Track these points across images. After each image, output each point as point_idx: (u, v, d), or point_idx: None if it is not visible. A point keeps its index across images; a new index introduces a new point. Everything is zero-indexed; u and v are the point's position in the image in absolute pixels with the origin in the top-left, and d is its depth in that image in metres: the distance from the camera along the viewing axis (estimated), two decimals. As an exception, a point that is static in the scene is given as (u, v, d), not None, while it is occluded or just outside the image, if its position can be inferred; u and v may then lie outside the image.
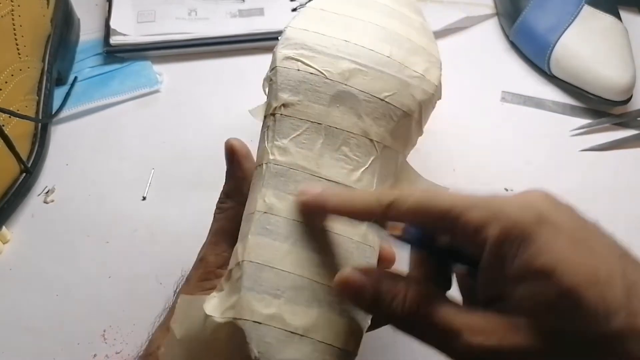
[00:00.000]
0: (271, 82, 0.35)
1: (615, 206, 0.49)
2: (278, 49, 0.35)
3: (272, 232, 0.30)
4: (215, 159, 0.53)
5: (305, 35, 0.35)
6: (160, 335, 0.34)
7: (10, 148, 0.47)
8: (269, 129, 0.34)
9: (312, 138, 0.33)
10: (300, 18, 0.36)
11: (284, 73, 0.34)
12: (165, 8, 0.61)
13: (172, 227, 0.48)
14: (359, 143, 0.33)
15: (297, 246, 0.30)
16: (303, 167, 0.32)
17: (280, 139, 0.33)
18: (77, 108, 0.55)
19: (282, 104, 0.33)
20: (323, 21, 0.36)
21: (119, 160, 0.52)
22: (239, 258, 0.30)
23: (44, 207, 0.49)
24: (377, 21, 0.37)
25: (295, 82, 0.34)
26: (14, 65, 0.48)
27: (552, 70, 0.57)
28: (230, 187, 0.35)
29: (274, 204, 0.31)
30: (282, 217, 0.31)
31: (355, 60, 0.35)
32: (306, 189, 0.31)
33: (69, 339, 0.42)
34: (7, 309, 0.44)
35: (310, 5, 0.37)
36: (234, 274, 0.30)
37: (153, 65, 0.58)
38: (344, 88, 0.34)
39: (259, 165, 0.33)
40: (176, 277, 0.45)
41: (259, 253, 0.30)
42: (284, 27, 0.36)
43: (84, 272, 0.45)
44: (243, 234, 0.31)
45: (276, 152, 0.32)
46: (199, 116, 0.55)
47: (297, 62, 0.34)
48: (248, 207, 0.33)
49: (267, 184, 0.32)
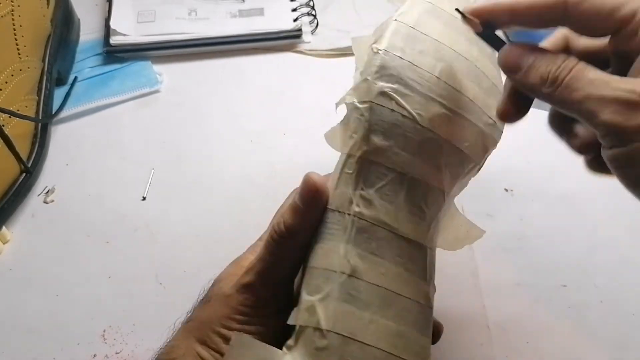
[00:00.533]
0: (361, 116, 0.31)
1: (615, 206, 0.49)
2: (372, 79, 0.31)
3: (356, 299, 0.29)
4: (215, 159, 0.53)
5: (401, 65, 0.31)
6: (185, 342, 0.32)
7: (10, 148, 0.47)
8: (355, 173, 0.31)
9: (396, 190, 0.31)
10: (394, 37, 0.32)
11: (378, 112, 0.31)
12: (165, 8, 0.61)
13: (172, 227, 0.48)
14: (435, 196, 0.32)
15: (376, 315, 0.29)
16: (384, 222, 0.30)
17: (366, 188, 0.30)
18: (77, 108, 0.55)
19: (373, 149, 0.30)
20: (415, 45, 0.32)
21: (119, 160, 0.52)
22: (321, 324, 0.29)
23: (44, 207, 0.49)
24: (462, 49, 0.34)
25: (388, 125, 0.31)
26: (14, 65, 0.48)
27: (552, 71, 0.57)
28: (296, 226, 0.31)
29: (358, 266, 0.29)
30: (364, 282, 0.29)
31: (444, 103, 0.32)
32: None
33: (69, 339, 0.42)
34: (7, 309, 0.44)
35: (400, 19, 0.33)
36: (314, 339, 0.29)
37: (153, 65, 0.58)
38: (431, 136, 0.31)
39: (340, 213, 0.31)
40: (176, 277, 0.45)
41: (344, 324, 0.29)
42: (375, 46, 0.32)
43: (84, 272, 0.45)
44: (318, 290, 0.30)
45: (361, 204, 0.30)
46: (199, 116, 0.55)
47: (391, 101, 0.31)
48: (323, 257, 0.30)
49: (352, 241, 0.30)
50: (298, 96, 0.57)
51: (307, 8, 0.62)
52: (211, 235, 0.47)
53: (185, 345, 0.32)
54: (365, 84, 0.31)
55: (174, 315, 0.36)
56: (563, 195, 0.50)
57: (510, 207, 0.50)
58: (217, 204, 0.49)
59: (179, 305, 0.43)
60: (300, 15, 0.62)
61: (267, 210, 0.49)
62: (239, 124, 0.55)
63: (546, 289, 0.45)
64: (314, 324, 0.29)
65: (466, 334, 0.43)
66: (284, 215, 0.32)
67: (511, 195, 0.50)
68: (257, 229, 0.48)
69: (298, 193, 0.32)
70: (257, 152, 0.53)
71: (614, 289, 0.45)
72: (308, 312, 0.29)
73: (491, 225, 0.48)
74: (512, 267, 0.46)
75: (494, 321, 0.43)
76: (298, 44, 0.61)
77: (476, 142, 0.33)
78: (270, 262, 0.32)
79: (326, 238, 0.31)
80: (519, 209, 0.49)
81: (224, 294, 0.33)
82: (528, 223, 0.49)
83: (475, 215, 0.48)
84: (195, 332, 0.32)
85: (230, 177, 0.51)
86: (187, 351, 0.32)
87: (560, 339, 0.43)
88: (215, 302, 0.33)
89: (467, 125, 0.33)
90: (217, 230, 0.48)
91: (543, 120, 0.59)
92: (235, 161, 0.52)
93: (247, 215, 0.49)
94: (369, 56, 0.32)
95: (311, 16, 0.62)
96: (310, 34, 0.61)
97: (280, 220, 0.32)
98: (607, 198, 0.50)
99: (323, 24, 0.62)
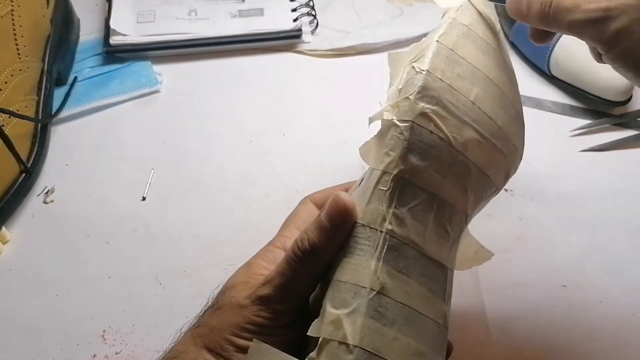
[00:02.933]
0: (400, 135, 0.31)
1: (615, 206, 0.49)
2: (414, 98, 0.31)
3: (382, 316, 0.29)
4: (215, 159, 0.53)
5: (441, 87, 0.32)
6: (193, 348, 0.32)
7: (10, 148, 0.47)
8: (390, 191, 0.31)
9: (426, 210, 0.31)
10: (435, 59, 0.32)
11: (417, 132, 0.31)
12: (165, 8, 0.61)
13: (172, 227, 0.48)
14: (459, 219, 0.32)
15: (400, 332, 0.29)
16: (414, 242, 0.31)
17: (400, 207, 0.30)
18: (77, 108, 0.55)
19: (409, 168, 0.31)
20: (455, 68, 0.33)
21: (118, 161, 0.52)
22: (348, 339, 0.29)
23: (44, 207, 0.49)
24: (493, 75, 0.35)
25: (425, 146, 0.31)
26: (13, 66, 0.48)
27: (551, 71, 0.57)
28: (321, 244, 0.31)
29: (386, 284, 0.30)
30: (391, 299, 0.30)
31: (477, 129, 0.33)
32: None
33: (68, 339, 0.42)
34: (7, 309, 0.44)
35: (441, 40, 0.33)
36: (339, 353, 0.29)
37: (153, 66, 0.58)
38: (462, 159, 0.32)
39: (371, 229, 0.31)
40: (176, 277, 0.45)
41: (371, 340, 0.29)
42: (418, 65, 0.32)
43: (84, 272, 0.45)
44: (345, 305, 0.30)
45: (394, 221, 0.30)
46: (199, 116, 0.55)
47: (430, 123, 0.31)
48: (352, 272, 0.30)
49: (382, 258, 0.30)
50: (298, 96, 0.57)
51: (306, 8, 0.62)
52: (211, 235, 0.47)
53: (194, 350, 0.32)
54: (407, 103, 0.31)
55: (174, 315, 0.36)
56: (563, 195, 0.50)
57: (510, 207, 0.50)
58: (217, 204, 0.49)
59: (179, 306, 0.43)
60: (300, 16, 0.62)
61: (267, 210, 0.49)
62: (239, 124, 0.55)
63: (546, 289, 0.45)
64: (340, 337, 0.29)
65: (466, 334, 0.43)
66: (309, 232, 0.32)
67: (511, 196, 0.50)
68: (257, 229, 0.48)
69: (325, 211, 0.31)
70: (257, 152, 0.53)
71: (614, 289, 0.45)
72: (333, 325, 0.29)
73: (491, 226, 0.48)
74: (512, 267, 0.46)
75: (494, 321, 0.43)
76: (298, 44, 0.61)
77: (500, 169, 0.34)
78: (290, 277, 0.32)
79: (355, 253, 0.31)
80: (519, 209, 0.49)
81: (238, 303, 0.32)
82: (528, 223, 0.49)
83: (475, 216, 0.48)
84: (205, 338, 0.32)
85: (230, 177, 0.51)
86: (196, 357, 0.31)
87: (560, 339, 0.43)
88: (227, 310, 0.32)
89: (494, 151, 0.34)
90: (217, 230, 0.48)
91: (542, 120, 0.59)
92: (235, 161, 0.52)
93: (247, 215, 0.49)
94: (409, 74, 0.32)
95: (311, 16, 0.62)
96: (310, 34, 0.61)
97: (304, 237, 0.32)
98: (606, 198, 0.50)
99: (323, 24, 0.62)
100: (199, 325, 0.33)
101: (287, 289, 0.32)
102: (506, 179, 0.36)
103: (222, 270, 0.36)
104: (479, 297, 0.44)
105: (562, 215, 0.49)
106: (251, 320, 0.31)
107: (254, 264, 0.35)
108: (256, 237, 0.37)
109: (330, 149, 0.53)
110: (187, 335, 0.33)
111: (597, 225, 0.48)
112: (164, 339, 0.34)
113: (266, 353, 0.29)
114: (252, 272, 0.34)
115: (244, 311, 0.32)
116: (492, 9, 0.38)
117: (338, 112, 0.55)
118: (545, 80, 0.58)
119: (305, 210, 0.34)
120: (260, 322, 0.31)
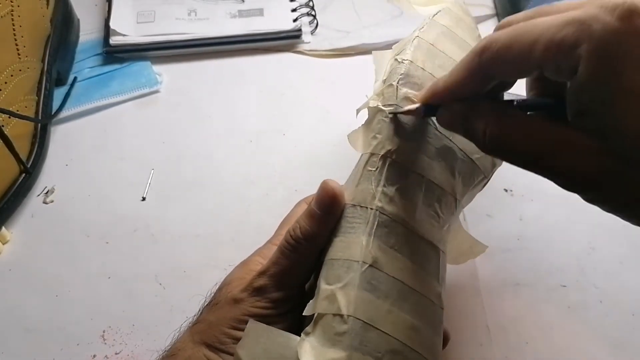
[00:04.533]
0: (386, 118, 0.32)
1: (615, 206, 0.49)
2: (398, 84, 0.33)
3: (376, 289, 0.30)
4: (215, 159, 0.53)
5: (423, 75, 0.34)
6: (191, 345, 0.32)
7: (10, 148, 0.47)
8: (377, 171, 0.32)
9: (415, 190, 0.32)
10: (417, 51, 0.34)
11: (403, 115, 0.32)
12: (165, 8, 0.61)
13: (172, 228, 0.48)
14: (448, 201, 0.33)
15: (395, 306, 0.30)
16: (404, 220, 0.31)
17: (388, 185, 0.31)
18: (77, 108, 0.55)
19: (396, 149, 0.32)
20: (435, 60, 0.35)
21: (118, 161, 0.52)
22: (342, 310, 0.29)
23: (44, 208, 0.49)
24: None
25: (410, 128, 0.32)
26: (13, 66, 0.48)
27: (551, 71, 0.57)
28: (313, 231, 0.32)
29: (378, 258, 0.30)
30: (384, 274, 0.30)
31: None
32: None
33: (68, 340, 0.42)
34: (7, 309, 0.44)
35: (421, 36, 0.35)
36: (334, 325, 0.29)
37: (153, 66, 0.58)
38: (448, 143, 0.33)
39: (361, 207, 0.32)
40: (176, 277, 0.45)
41: (364, 310, 0.29)
42: (399, 56, 0.34)
43: (83, 272, 0.45)
44: (339, 279, 0.30)
45: (383, 199, 0.31)
46: (199, 116, 0.55)
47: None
48: (344, 249, 0.31)
49: (374, 234, 0.31)
50: (298, 96, 0.57)
51: (306, 8, 0.62)
52: (211, 235, 0.47)
53: (192, 347, 0.32)
54: (390, 89, 0.33)
55: (174, 315, 0.36)
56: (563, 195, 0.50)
57: (509, 207, 0.50)
58: (217, 204, 0.49)
59: (178, 306, 0.43)
60: (300, 16, 0.62)
61: (267, 210, 0.49)
62: (239, 124, 0.55)
63: (546, 289, 0.45)
64: (334, 310, 0.29)
65: (466, 334, 0.43)
66: (300, 220, 0.33)
67: (511, 196, 0.50)
68: (257, 229, 0.48)
69: (314, 199, 0.32)
70: (257, 152, 0.53)
71: (614, 289, 0.45)
72: (328, 300, 0.30)
73: (490, 226, 0.48)
74: (512, 267, 0.46)
75: (494, 321, 0.43)
76: (298, 44, 0.61)
77: (485, 156, 0.35)
78: (285, 265, 0.32)
79: (347, 231, 0.31)
80: (519, 209, 0.49)
81: (234, 297, 0.33)
82: (527, 223, 0.49)
83: (475, 216, 0.49)
84: (203, 334, 0.32)
85: (230, 177, 0.51)
86: (194, 353, 0.31)
87: (560, 339, 0.43)
88: (224, 305, 0.33)
89: None
90: (217, 230, 0.48)
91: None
92: (235, 161, 0.52)
93: (247, 215, 0.49)
94: (392, 66, 0.34)
95: (311, 16, 0.62)
96: (310, 34, 0.61)
97: (296, 226, 0.33)
98: (606, 198, 0.50)
99: (323, 24, 0.62)
100: (196, 322, 0.33)
101: (282, 277, 0.32)
102: (493, 167, 0.36)
103: (222, 271, 0.36)
104: (479, 297, 0.44)
105: (562, 215, 0.49)
106: (248, 311, 0.32)
107: (250, 261, 0.35)
108: (256, 237, 0.37)
109: (330, 149, 0.53)
110: (185, 333, 0.33)
111: (597, 225, 0.48)
112: (163, 339, 0.34)
113: (262, 332, 0.30)
114: (249, 269, 0.34)
115: (241, 304, 0.32)
116: (470, 16, 0.40)
117: (338, 112, 0.55)
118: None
119: (301, 211, 0.35)
120: (257, 312, 0.32)
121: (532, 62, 0.24)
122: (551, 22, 0.23)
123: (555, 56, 0.23)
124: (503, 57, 0.25)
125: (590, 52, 0.22)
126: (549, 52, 0.23)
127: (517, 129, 0.25)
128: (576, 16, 0.22)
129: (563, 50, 0.23)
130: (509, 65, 0.25)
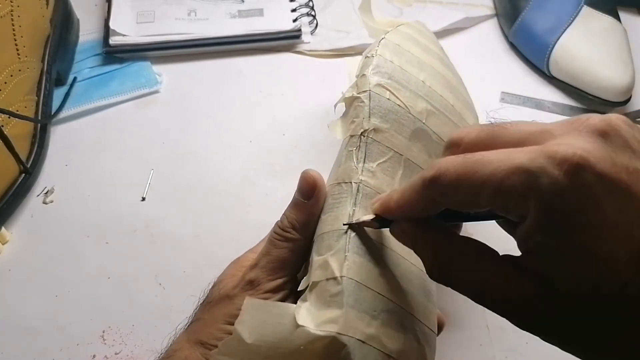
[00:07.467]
0: (361, 103, 0.35)
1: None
2: (369, 74, 0.36)
3: (366, 254, 0.30)
4: (215, 159, 0.53)
5: (392, 67, 0.37)
6: (187, 345, 0.32)
7: (10, 148, 0.47)
8: (358, 149, 0.34)
9: (394, 167, 0.34)
10: (384, 49, 0.38)
11: (376, 98, 0.35)
12: (165, 8, 0.61)
13: (172, 228, 0.48)
14: None
15: (386, 270, 0.31)
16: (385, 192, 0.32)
17: (369, 162, 0.33)
18: (77, 108, 0.55)
19: (373, 128, 0.34)
20: (402, 57, 0.38)
21: (118, 161, 0.52)
22: (335, 273, 0.29)
23: (44, 208, 0.49)
24: (438, 67, 0.40)
25: (384, 110, 0.35)
26: (13, 66, 0.48)
27: (551, 71, 0.57)
28: (300, 220, 0.33)
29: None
30: (372, 240, 0.31)
31: (430, 102, 0.37)
32: (376, 199, 0.30)
33: (68, 340, 0.42)
34: (6, 309, 0.43)
35: (388, 37, 0.39)
36: (328, 288, 0.29)
37: (152, 66, 0.58)
38: (422, 126, 0.36)
39: (345, 183, 0.33)
40: (176, 277, 0.45)
41: (357, 271, 0.30)
42: (368, 53, 0.38)
43: (83, 272, 0.45)
44: (330, 248, 0.31)
45: (365, 173, 0.33)
46: (199, 116, 0.55)
47: (387, 91, 0.36)
48: (333, 222, 0.32)
49: (359, 204, 0.32)
50: (297, 96, 0.57)
51: (306, 8, 0.62)
52: (211, 236, 0.47)
53: (188, 347, 0.32)
54: (363, 79, 0.36)
55: (174, 315, 0.36)
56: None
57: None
58: (217, 204, 0.49)
59: (178, 306, 0.43)
60: (300, 16, 0.62)
61: (266, 210, 0.49)
62: (239, 124, 0.55)
63: (546, 289, 0.45)
64: (328, 275, 0.30)
65: (466, 334, 0.43)
66: (287, 212, 0.34)
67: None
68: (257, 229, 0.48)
69: (297, 189, 0.34)
70: (256, 153, 0.53)
71: (614, 289, 0.45)
72: (321, 269, 0.30)
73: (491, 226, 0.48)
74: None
75: (494, 321, 0.43)
76: (297, 45, 0.61)
77: None
78: (276, 255, 0.33)
79: (334, 207, 0.33)
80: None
81: (226, 293, 0.33)
82: (528, 223, 0.49)
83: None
84: (199, 333, 0.32)
85: (230, 177, 0.51)
86: (191, 353, 0.31)
87: (560, 339, 0.43)
88: (218, 302, 0.33)
89: (450, 124, 0.38)
90: (217, 230, 0.48)
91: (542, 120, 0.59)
92: (234, 161, 0.52)
93: (246, 215, 0.49)
94: (363, 62, 0.37)
95: (310, 16, 0.62)
96: (310, 35, 0.61)
97: (283, 217, 0.34)
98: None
99: (322, 24, 0.62)
100: (191, 322, 0.34)
101: (274, 267, 0.33)
102: None
103: (222, 271, 0.36)
104: (479, 297, 0.44)
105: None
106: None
107: (242, 258, 0.36)
108: (256, 237, 0.37)
109: (330, 149, 0.53)
110: (181, 334, 0.34)
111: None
112: (163, 339, 0.34)
113: (259, 307, 0.30)
114: (241, 265, 0.35)
115: (234, 300, 0.32)
116: (431, 32, 0.45)
117: (338, 112, 0.55)
118: (545, 81, 0.59)
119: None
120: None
121: (481, 203, 0.23)
122: (499, 166, 0.22)
123: (503, 202, 0.23)
124: (451, 194, 0.24)
125: (537, 208, 0.21)
126: (496, 198, 0.23)
127: (462, 265, 0.25)
128: (524, 164, 0.22)
129: (511, 199, 0.22)
130: (457, 201, 0.24)
